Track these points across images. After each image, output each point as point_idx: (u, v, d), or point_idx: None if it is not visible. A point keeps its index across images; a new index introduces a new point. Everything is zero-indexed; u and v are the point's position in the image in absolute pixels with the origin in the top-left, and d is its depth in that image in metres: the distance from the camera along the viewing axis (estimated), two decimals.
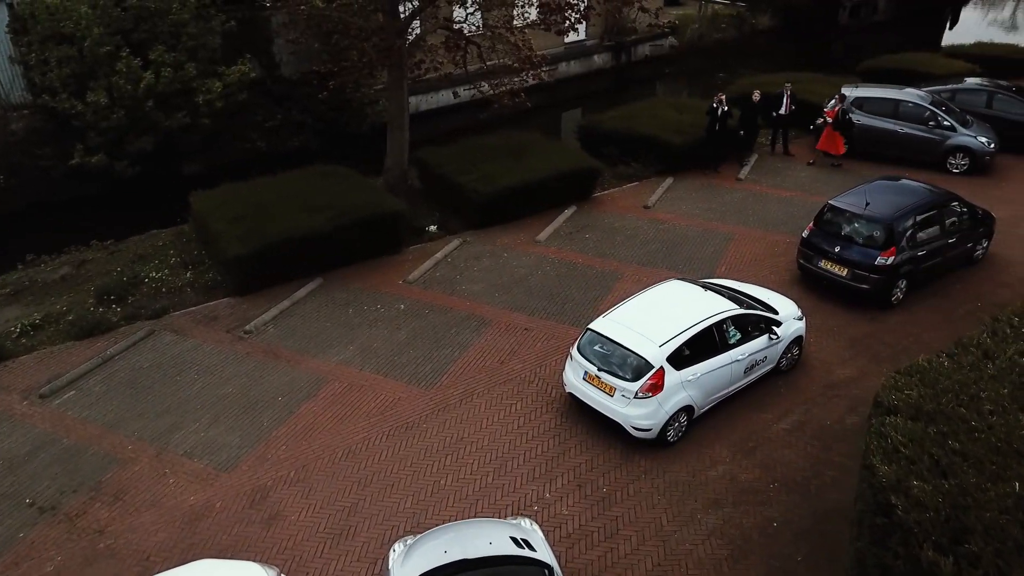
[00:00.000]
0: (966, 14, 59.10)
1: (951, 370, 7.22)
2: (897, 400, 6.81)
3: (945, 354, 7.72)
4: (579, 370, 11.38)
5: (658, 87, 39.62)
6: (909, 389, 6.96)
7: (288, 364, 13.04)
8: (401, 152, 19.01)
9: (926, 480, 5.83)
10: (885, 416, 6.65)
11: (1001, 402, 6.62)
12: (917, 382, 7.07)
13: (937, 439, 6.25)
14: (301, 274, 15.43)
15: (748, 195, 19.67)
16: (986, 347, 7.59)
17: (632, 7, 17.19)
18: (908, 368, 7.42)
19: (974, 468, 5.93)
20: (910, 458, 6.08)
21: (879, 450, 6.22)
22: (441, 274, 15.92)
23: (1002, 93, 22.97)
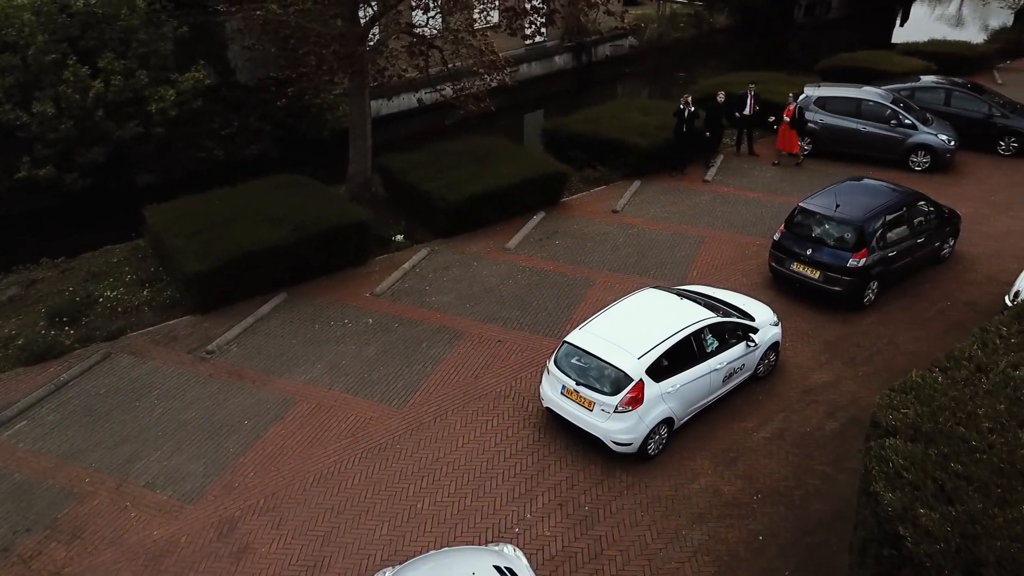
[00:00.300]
0: (916, 10, 60.21)
1: (946, 386, 7.08)
2: (894, 420, 6.64)
3: (938, 368, 7.59)
4: (557, 384, 11.10)
5: (619, 87, 39.67)
6: (905, 408, 6.80)
7: (253, 385, 12.54)
8: (364, 159, 18.55)
9: (932, 507, 5.65)
10: (884, 438, 6.47)
11: (999, 419, 6.50)
12: (912, 400, 6.91)
13: (939, 461, 6.09)
14: (264, 289, 14.92)
15: (715, 197, 19.60)
16: (978, 360, 7.48)
17: (597, 10, 16.97)
18: (902, 385, 7.27)
19: (979, 492, 5.78)
20: (914, 483, 5.91)
21: (881, 476, 6.04)
22: (409, 285, 15.52)
23: (959, 91, 23.27)
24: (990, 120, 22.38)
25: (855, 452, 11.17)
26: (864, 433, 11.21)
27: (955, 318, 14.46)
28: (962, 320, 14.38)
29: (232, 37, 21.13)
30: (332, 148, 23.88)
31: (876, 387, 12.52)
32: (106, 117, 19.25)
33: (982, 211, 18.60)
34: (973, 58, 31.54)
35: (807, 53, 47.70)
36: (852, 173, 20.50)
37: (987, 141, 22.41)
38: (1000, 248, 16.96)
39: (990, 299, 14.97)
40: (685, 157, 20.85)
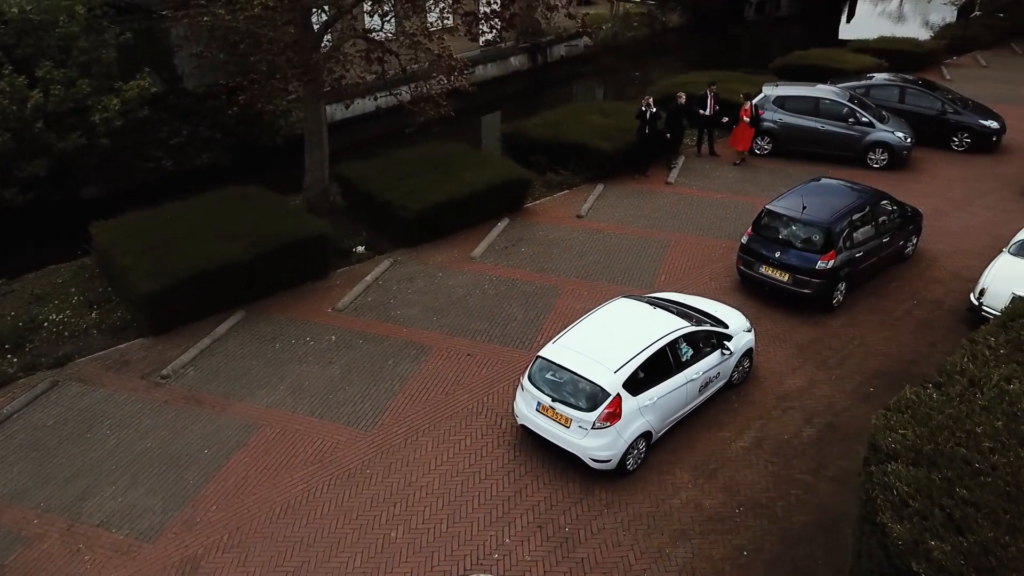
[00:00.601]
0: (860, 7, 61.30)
1: (941, 403, 6.92)
2: (894, 443, 6.45)
3: (931, 384, 7.44)
4: (531, 401, 10.76)
5: (575, 88, 39.60)
6: (903, 428, 6.62)
7: (213, 410, 11.96)
8: (321, 169, 17.99)
9: (943, 539, 5.46)
10: (886, 463, 6.28)
11: (999, 437, 6.36)
12: (910, 419, 6.74)
13: (944, 487, 5.91)
14: (221, 307, 14.29)
15: (679, 199, 19.47)
16: (971, 374, 7.35)
17: (556, 11, 16.69)
18: (898, 404, 7.10)
19: (989, 520, 5.61)
20: (921, 512, 5.71)
21: (887, 505, 5.83)
22: (373, 299, 15.03)
23: (913, 88, 23.56)
24: (943, 117, 22.70)
25: (833, 459, 11.09)
26: (837, 439, 11.25)
27: (923, 317, 14.51)
28: (930, 319, 14.44)
29: (179, 43, 20.33)
30: (287, 155, 23.24)
31: (850, 390, 12.51)
32: (46, 128, 18.37)
33: (941, 207, 18.78)
34: (921, 55, 32.11)
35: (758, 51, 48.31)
36: (812, 171, 20.68)
37: (941, 137, 22.72)
38: (961, 245, 17.13)
39: (955, 297, 15.07)
40: (648, 159, 20.69)
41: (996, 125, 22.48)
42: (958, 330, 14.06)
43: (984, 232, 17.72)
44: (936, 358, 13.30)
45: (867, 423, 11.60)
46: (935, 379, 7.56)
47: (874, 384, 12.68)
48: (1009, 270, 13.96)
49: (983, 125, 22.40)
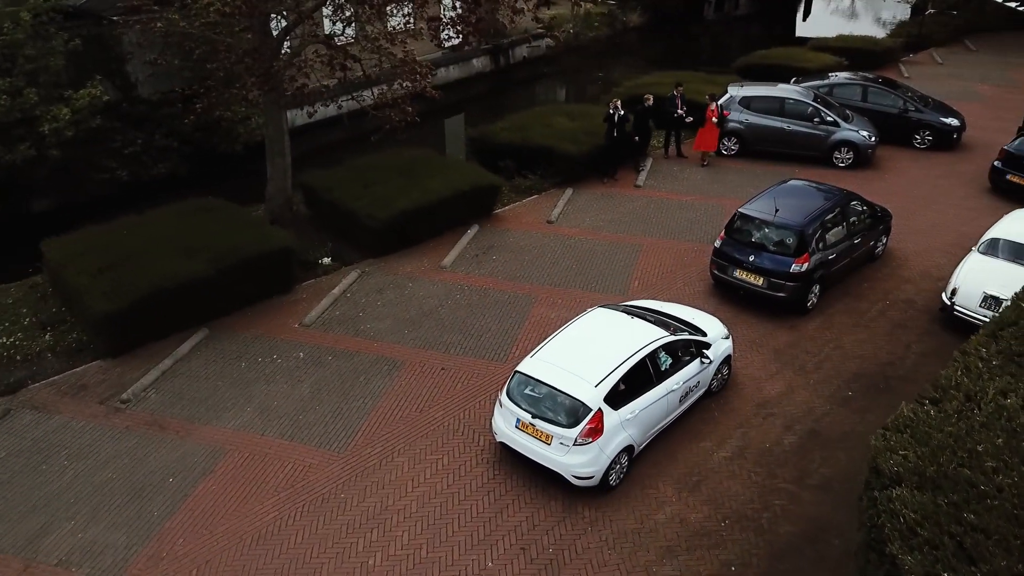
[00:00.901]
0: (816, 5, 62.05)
1: (940, 421, 6.78)
2: (896, 465, 6.27)
3: (927, 400, 7.30)
4: (511, 418, 10.46)
5: (538, 89, 39.40)
6: (904, 449, 6.45)
7: (177, 436, 11.44)
8: (284, 178, 17.47)
9: (956, 569, 5.28)
10: (890, 488, 6.09)
11: (1001, 456, 6.22)
12: (909, 439, 6.58)
13: (951, 512, 5.75)
14: (182, 326, 13.74)
15: (649, 202, 19.32)
16: (966, 388, 7.23)
17: (522, 14, 16.38)
18: (895, 422, 6.93)
19: (1000, 547, 5.44)
20: (931, 541, 5.54)
21: (896, 534, 5.63)
22: (341, 312, 14.59)
23: (874, 86, 23.74)
24: (905, 115, 22.90)
25: (816, 467, 10.99)
26: (818, 445, 11.08)
27: (896, 317, 14.52)
28: (903, 320, 14.45)
29: (131, 50, 19.63)
30: (247, 162, 22.69)
31: (828, 395, 12.43)
32: None
33: (907, 206, 18.89)
34: (879, 53, 32.47)
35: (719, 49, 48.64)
36: (779, 171, 20.75)
37: (903, 135, 22.91)
38: (929, 243, 17.22)
39: (927, 296, 15.12)
40: (616, 162, 20.52)
41: (956, 123, 22.75)
42: (932, 330, 14.11)
43: (951, 230, 17.85)
44: (911, 360, 13.35)
45: (847, 428, 11.65)
46: (930, 394, 7.41)
47: (852, 388, 12.62)
48: (979, 269, 14.03)
49: (944, 123, 22.64)
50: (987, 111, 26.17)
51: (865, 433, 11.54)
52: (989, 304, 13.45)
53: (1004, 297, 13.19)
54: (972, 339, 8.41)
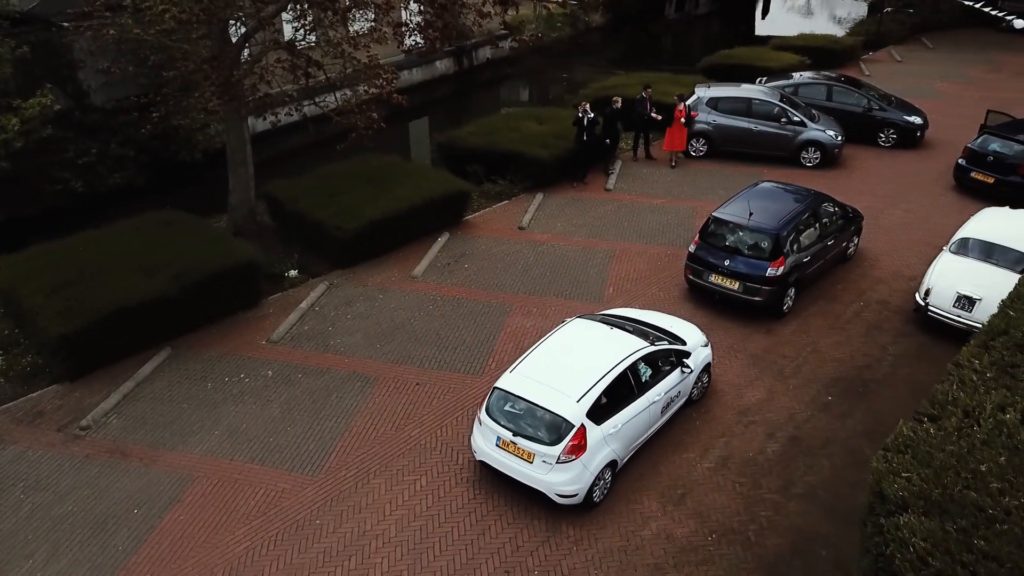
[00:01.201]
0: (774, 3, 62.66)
1: (940, 439, 6.63)
2: (901, 490, 6.10)
3: (926, 417, 7.16)
4: (490, 436, 10.16)
5: (502, 90, 39.19)
6: (907, 471, 6.28)
7: (141, 463, 10.93)
8: (247, 189, 16.94)
9: None
10: (897, 515, 5.91)
11: (1006, 476, 6.09)
12: (911, 460, 6.42)
13: (961, 539, 5.58)
14: (144, 346, 13.19)
15: (619, 206, 19.14)
16: (963, 404, 7.10)
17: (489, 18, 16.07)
18: (895, 442, 6.77)
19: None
20: (942, 572, 5.36)
21: (907, 564, 5.45)
22: (310, 327, 14.15)
23: (838, 85, 23.87)
24: (870, 113, 23.05)
25: (800, 475, 10.86)
26: (801, 453, 10.91)
27: (871, 319, 14.51)
28: (878, 321, 14.45)
29: (83, 58, 18.90)
30: (207, 170, 22.05)
31: (808, 400, 12.33)
32: None
33: (875, 205, 18.97)
34: (840, 51, 32.76)
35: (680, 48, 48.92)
36: (748, 172, 20.80)
37: (868, 134, 23.06)
38: (899, 242, 17.29)
39: (900, 296, 15.15)
40: (586, 166, 20.33)
41: (920, 121, 22.97)
42: (907, 331, 14.12)
43: (919, 228, 17.96)
44: (888, 362, 13.33)
45: (829, 434, 11.56)
46: (928, 410, 7.28)
47: (831, 392, 12.54)
48: (951, 269, 14.07)
49: (908, 121, 22.84)
50: (947, 108, 26.50)
51: (847, 439, 11.54)
52: (962, 304, 13.49)
53: (977, 297, 13.32)
54: (964, 350, 8.31)
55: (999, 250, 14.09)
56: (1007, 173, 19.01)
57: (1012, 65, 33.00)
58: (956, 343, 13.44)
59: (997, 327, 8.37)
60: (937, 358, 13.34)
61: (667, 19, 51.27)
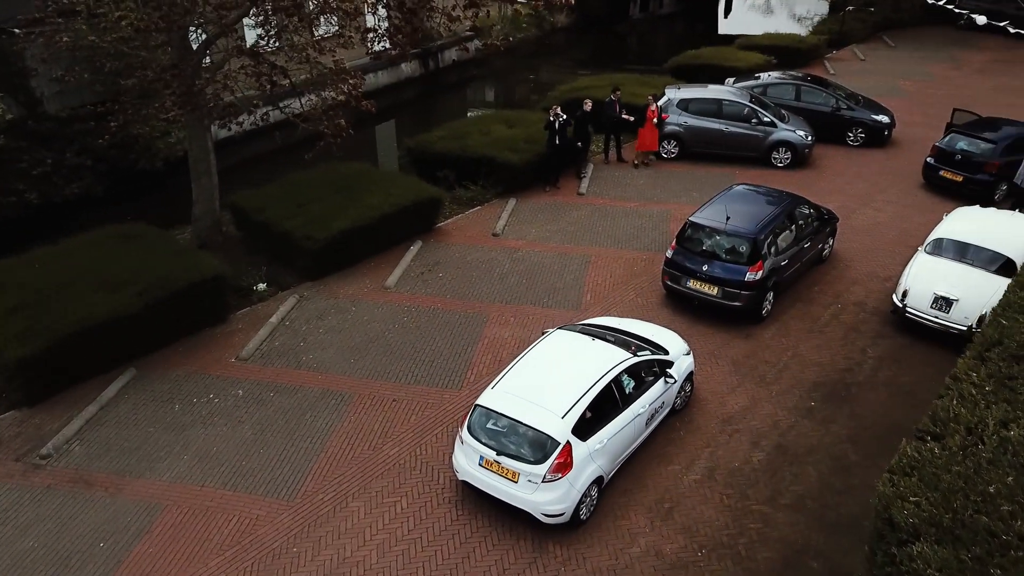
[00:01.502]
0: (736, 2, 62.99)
1: (946, 460, 6.47)
2: (911, 516, 5.91)
3: (929, 436, 7.00)
4: (473, 455, 9.85)
5: (469, 92, 38.88)
6: (915, 495, 6.10)
7: (107, 493, 10.43)
8: (211, 199, 16.42)
9: None
10: (909, 544, 5.73)
11: (1015, 498, 5.95)
12: (918, 483, 6.25)
13: (977, 569, 5.42)
14: (107, 366, 12.65)
15: (593, 210, 18.92)
16: (966, 420, 6.96)
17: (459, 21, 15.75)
18: (900, 465, 6.60)
19: None
20: None
21: None
22: (281, 343, 13.71)
23: (806, 85, 23.93)
24: (838, 113, 23.14)
25: (787, 485, 10.73)
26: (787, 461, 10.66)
27: (849, 321, 14.47)
28: (856, 323, 14.41)
29: (35, 65, 18.20)
30: (169, 178, 21.40)
31: (791, 407, 12.22)
32: None
33: (847, 204, 19.00)
34: (805, 50, 32.90)
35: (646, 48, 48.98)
36: (720, 173, 20.77)
37: (837, 133, 23.14)
38: (873, 243, 17.32)
39: (876, 298, 15.15)
40: (559, 170, 20.10)
41: (887, 120, 23.11)
42: (885, 333, 14.10)
43: (892, 228, 18.02)
44: (869, 364, 13.28)
45: (814, 442, 11.44)
46: (930, 428, 7.13)
47: (814, 398, 12.45)
48: (927, 269, 14.08)
49: (876, 120, 22.97)
50: (911, 106, 26.73)
51: (831, 445, 11.44)
52: (940, 305, 13.50)
53: (954, 297, 13.34)
54: (960, 363, 8.19)
55: (973, 250, 14.14)
56: (975, 171, 19.17)
57: (972, 62, 33.50)
58: (934, 344, 13.61)
59: (991, 337, 8.28)
60: (916, 360, 13.37)
61: (632, 19, 51.33)
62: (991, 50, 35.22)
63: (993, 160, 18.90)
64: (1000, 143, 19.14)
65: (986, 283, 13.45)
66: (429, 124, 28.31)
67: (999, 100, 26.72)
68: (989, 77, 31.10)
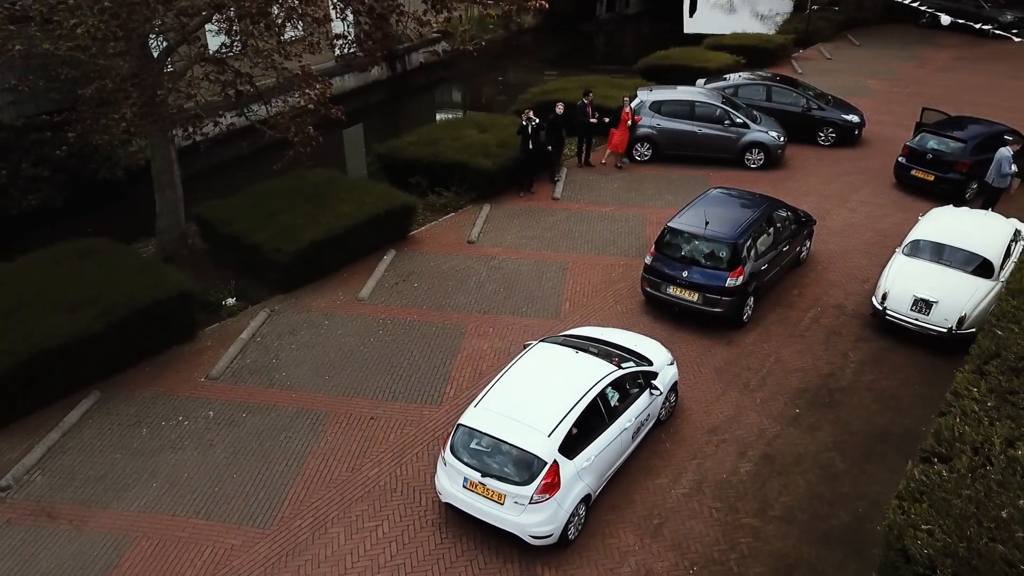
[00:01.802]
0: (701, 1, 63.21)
1: (955, 483, 6.29)
2: (925, 546, 5.71)
3: (936, 458, 6.82)
4: (457, 477, 9.53)
5: (437, 94, 38.49)
6: (927, 523, 5.91)
7: (71, 526, 9.92)
8: (175, 211, 15.87)
9: None
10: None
11: None
12: (929, 509, 6.06)
13: None
14: (69, 390, 12.09)
15: (569, 215, 18.68)
16: (971, 440, 6.79)
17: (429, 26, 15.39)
18: (909, 489, 6.41)
19: None
20: None
21: None
22: (252, 360, 13.24)
23: (777, 85, 23.95)
24: (809, 113, 23.18)
25: (776, 496, 10.57)
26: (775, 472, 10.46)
27: (829, 324, 14.40)
28: (836, 326, 14.34)
29: None
30: (131, 186, 20.73)
31: (776, 414, 12.08)
32: None
33: (822, 205, 18.98)
34: (773, 50, 33.04)
35: (613, 48, 48.98)
36: (694, 175, 20.70)
37: (808, 133, 23.18)
38: (848, 244, 17.30)
39: (855, 300, 15.10)
40: (532, 175, 19.83)
41: (857, 119, 23.21)
42: (865, 336, 14.05)
43: (867, 228, 18.03)
44: (851, 369, 13.20)
45: (801, 450, 11.30)
46: (936, 449, 6.95)
47: (798, 404, 12.32)
48: (906, 271, 14.05)
49: (846, 120, 23.05)
50: (879, 105, 26.92)
51: (818, 453, 11.31)
52: (920, 307, 13.47)
53: (933, 299, 13.30)
54: (959, 377, 8.05)
55: (949, 250, 14.14)
56: (946, 170, 19.27)
57: (935, 60, 33.90)
58: (915, 347, 13.61)
59: (988, 349, 8.16)
60: (898, 364, 13.33)
61: (599, 19, 51.31)
62: (952, 48, 35.71)
63: (964, 159, 19.02)
64: (970, 142, 19.27)
65: (965, 284, 13.47)
66: (398, 128, 27.90)
67: (964, 98, 27.04)
68: (952, 75, 31.49)
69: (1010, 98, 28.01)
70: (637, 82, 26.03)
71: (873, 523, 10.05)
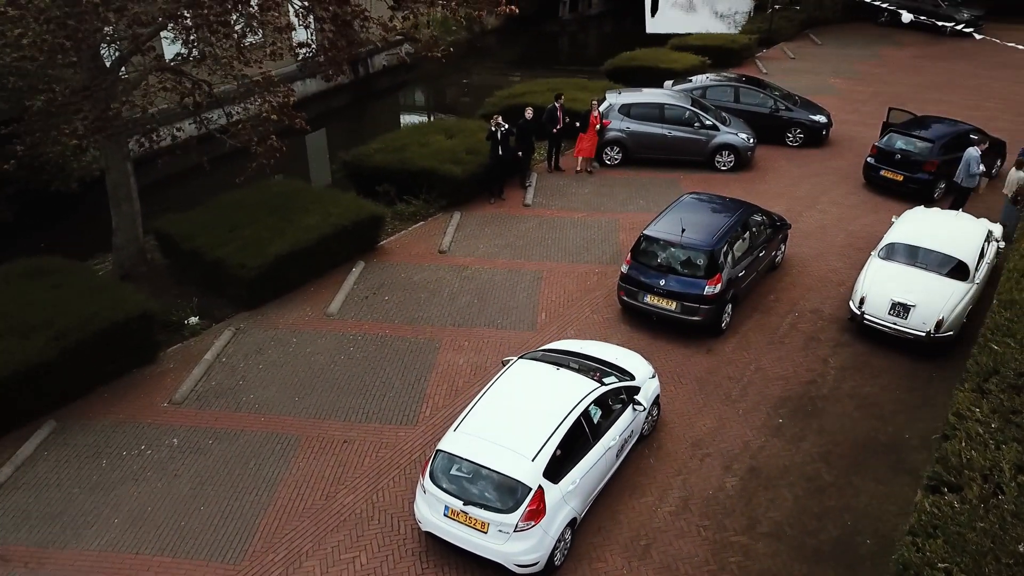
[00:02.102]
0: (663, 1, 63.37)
1: (968, 515, 6.07)
2: None
3: (946, 487, 6.59)
4: (437, 505, 9.13)
5: (401, 97, 37.98)
6: (943, 561, 5.67)
7: (27, 570, 9.32)
8: (133, 226, 15.22)
9: None
10: None
11: None
12: (944, 546, 5.82)
13: None
14: (21, 420, 11.44)
15: (541, 222, 18.35)
16: (979, 466, 6.58)
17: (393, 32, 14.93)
18: (921, 523, 6.16)
19: None
20: None
21: None
22: (217, 382, 12.68)
23: (744, 87, 23.89)
24: (777, 114, 23.15)
25: (764, 511, 10.35)
26: (761, 485, 10.34)
27: (807, 330, 14.26)
28: (814, 332, 14.21)
29: None
30: (85, 198, 19.94)
31: (760, 425, 11.89)
32: None
33: (793, 207, 18.91)
34: (737, 50, 33.07)
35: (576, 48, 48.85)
36: (664, 178, 20.54)
37: (776, 134, 23.14)
38: (821, 246, 17.23)
39: (832, 304, 15.00)
40: (503, 181, 19.46)
41: (824, 119, 23.24)
42: (844, 341, 13.94)
43: (839, 230, 17.99)
44: (832, 375, 13.07)
45: (786, 462, 11.10)
46: (945, 477, 6.72)
47: (781, 414, 12.14)
48: (882, 275, 13.96)
49: (813, 120, 23.06)
50: (844, 104, 27.03)
51: (803, 465, 11.13)
52: (898, 311, 13.38)
53: (911, 303, 13.21)
54: (960, 396, 7.85)
55: (924, 253, 14.09)
56: (915, 171, 19.32)
57: (895, 59, 34.24)
58: (893, 351, 13.53)
59: (987, 366, 7.99)
60: (878, 369, 13.24)
61: (562, 20, 51.14)
62: (912, 46, 36.12)
63: (932, 159, 19.07)
64: (937, 142, 19.33)
65: (942, 288, 13.42)
66: (363, 133, 27.33)
67: (927, 96, 27.33)
68: (914, 74, 31.82)
69: (969, 96, 28.39)
70: (604, 84, 25.83)
71: (862, 537, 9.94)
